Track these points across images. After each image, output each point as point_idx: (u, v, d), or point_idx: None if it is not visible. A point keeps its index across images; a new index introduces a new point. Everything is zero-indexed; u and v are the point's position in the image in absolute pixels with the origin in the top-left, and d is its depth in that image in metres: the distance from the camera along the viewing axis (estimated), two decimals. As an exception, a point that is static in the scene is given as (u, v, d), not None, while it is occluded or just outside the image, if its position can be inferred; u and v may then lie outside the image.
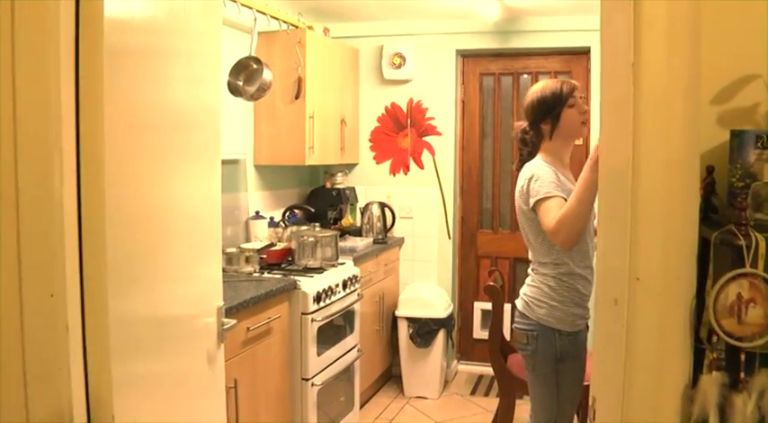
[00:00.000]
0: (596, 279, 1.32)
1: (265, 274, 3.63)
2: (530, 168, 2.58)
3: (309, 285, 3.52)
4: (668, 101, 1.18)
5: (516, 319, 2.70)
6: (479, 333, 5.28)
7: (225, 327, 2.10)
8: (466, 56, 5.19)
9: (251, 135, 4.45)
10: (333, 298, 3.71)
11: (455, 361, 5.33)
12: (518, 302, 2.72)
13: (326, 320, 3.62)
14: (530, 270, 2.73)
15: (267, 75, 3.81)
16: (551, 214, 2.39)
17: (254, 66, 3.86)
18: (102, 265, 1.44)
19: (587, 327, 2.68)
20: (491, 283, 3.65)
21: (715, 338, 1.28)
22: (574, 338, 2.57)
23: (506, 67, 5.14)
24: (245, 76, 3.88)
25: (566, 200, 2.41)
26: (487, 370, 4.92)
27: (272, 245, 3.84)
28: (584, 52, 4.86)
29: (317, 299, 3.53)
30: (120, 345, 1.54)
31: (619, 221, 1.24)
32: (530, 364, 2.63)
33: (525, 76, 5.14)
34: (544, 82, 2.71)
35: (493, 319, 3.69)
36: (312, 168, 5.19)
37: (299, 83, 4.29)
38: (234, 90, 3.83)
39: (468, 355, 5.39)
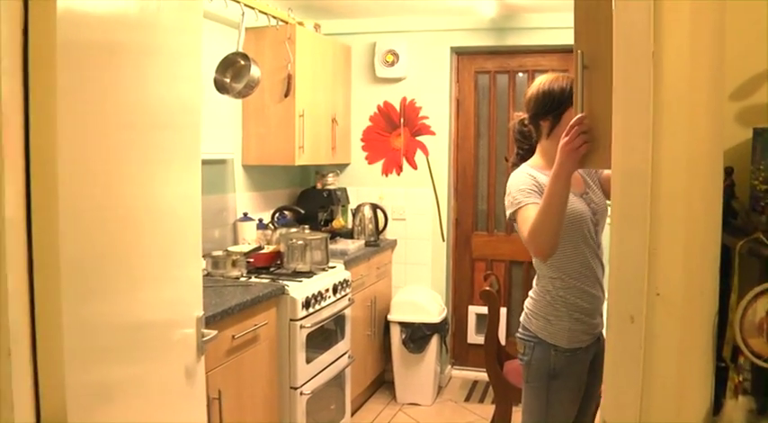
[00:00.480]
0: (609, 293, 1.19)
1: (253, 279, 3.49)
2: (511, 177, 2.40)
3: (298, 290, 3.39)
4: (692, 92, 1.05)
5: (519, 329, 2.58)
6: (474, 338, 5.16)
7: (205, 338, 1.96)
8: (461, 53, 5.06)
9: (239, 134, 4.31)
10: (323, 303, 3.57)
11: (449, 366, 5.20)
12: (522, 314, 2.60)
13: (316, 327, 3.48)
14: (534, 280, 2.58)
15: (255, 71, 3.67)
16: (525, 225, 2.23)
17: (242, 62, 3.72)
18: (55, 272, 1.30)
19: (599, 339, 2.49)
20: (487, 288, 3.53)
21: (741, 359, 1.15)
22: (572, 355, 2.41)
23: (502, 65, 5.02)
24: (232, 73, 3.74)
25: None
26: (482, 376, 4.81)
27: (259, 248, 3.70)
28: (583, 50, 4.72)
29: (306, 304, 3.39)
30: (80, 356, 1.41)
31: (635, 229, 1.11)
32: (524, 373, 2.52)
33: (522, 74, 5.02)
34: (552, 75, 2.44)
35: (489, 325, 3.57)
36: (302, 169, 5.05)
37: (289, 80, 4.16)
38: (221, 87, 3.70)
39: (462, 360, 5.26)
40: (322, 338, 3.65)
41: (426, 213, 5.03)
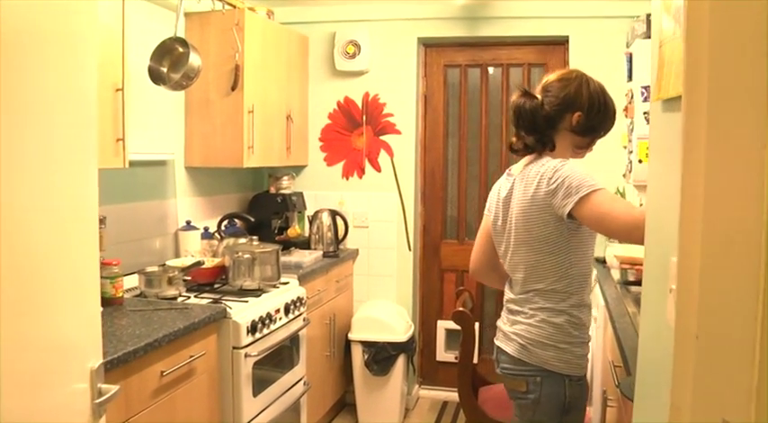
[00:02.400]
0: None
1: (192, 299, 3.02)
2: (558, 165, 2.06)
3: (243, 313, 2.92)
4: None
5: (506, 365, 2.22)
6: (444, 355, 4.75)
7: (100, 399, 1.48)
8: (429, 45, 4.63)
9: (181, 132, 3.82)
10: (272, 326, 3.11)
11: (416, 386, 4.77)
12: (505, 345, 2.24)
13: (265, 354, 3.02)
14: (515, 299, 2.24)
15: (195, 60, 3.21)
16: (622, 203, 1.99)
17: (180, 49, 3.25)
18: None
19: None
20: (460, 309, 3.09)
21: None
22: (582, 384, 2.16)
23: (474, 57, 4.60)
24: (169, 62, 3.27)
25: None
26: (453, 396, 4.41)
27: (198, 263, 3.22)
28: (562, 42, 4.37)
29: (253, 329, 2.92)
30: None
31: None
32: (526, 414, 2.15)
33: (495, 68, 4.60)
34: (602, 84, 2.23)
35: (462, 350, 3.13)
36: (254, 171, 4.59)
37: (237, 72, 3.69)
38: (156, 77, 3.22)
39: (431, 379, 4.84)
40: (272, 366, 3.19)
41: (391, 220, 4.60)
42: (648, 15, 3.68)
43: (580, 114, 2.13)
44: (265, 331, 3.03)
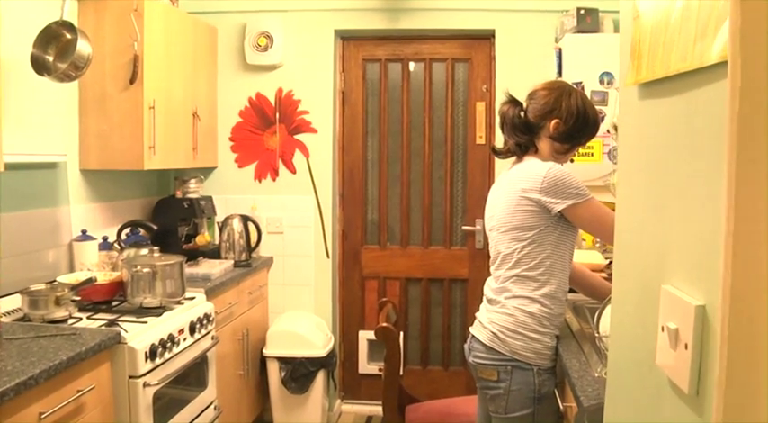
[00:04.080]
0: None
1: (84, 321, 2.66)
2: (552, 168, 2.19)
3: (140, 336, 2.57)
4: None
5: (478, 353, 2.29)
6: (366, 367, 4.48)
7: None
8: (346, 38, 4.35)
9: (74, 130, 3.42)
10: (175, 349, 2.76)
11: (339, 400, 4.49)
12: (479, 332, 2.31)
13: (167, 381, 2.67)
14: (493, 289, 2.32)
15: (84, 47, 2.84)
16: (604, 211, 2.17)
17: (68, 35, 2.88)
18: None
19: None
20: (384, 325, 2.82)
21: None
22: (552, 374, 2.25)
23: (395, 52, 4.34)
24: (55, 49, 2.89)
25: None
26: (377, 409, 4.15)
27: (89, 280, 2.84)
28: (488, 36, 4.17)
29: (152, 355, 2.57)
30: None
31: None
32: (500, 405, 2.23)
33: (417, 63, 4.36)
34: (585, 97, 2.39)
35: (387, 368, 2.87)
36: (160, 174, 4.21)
37: (136, 63, 3.32)
38: (40, 67, 2.84)
39: (353, 392, 4.56)
40: (176, 394, 2.85)
41: (307, 225, 4.30)
42: (579, 9, 3.52)
43: (558, 122, 2.27)
44: (167, 355, 2.69)
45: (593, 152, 3.36)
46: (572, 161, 2.48)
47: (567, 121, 2.27)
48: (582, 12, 3.50)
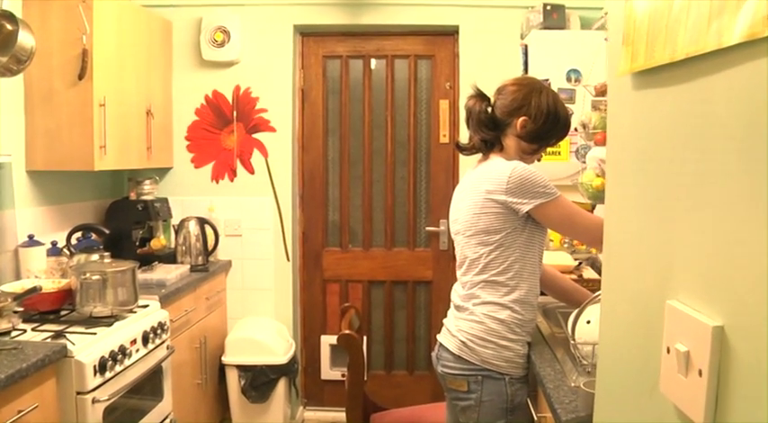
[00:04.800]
0: None
1: (28, 333, 2.49)
2: (517, 167, 2.10)
3: (89, 349, 2.41)
4: None
5: (447, 363, 2.19)
6: (329, 373, 4.36)
7: None
8: (306, 34, 4.22)
9: (20, 128, 3.23)
10: (127, 362, 2.60)
11: (301, 408, 4.36)
12: (447, 341, 2.22)
13: (118, 396, 2.51)
14: (461, 295, 2.23)
15: (26, 39, 2.69)
16: (574, 209, 2.10)
17: (9, 26, 2.71)
18: None
19: None
20: (347, 332, 2.70)
21: None
22: (525, 383, 2.17)
23: (356, 48, 4.23)
24: (-5, 42, 2.73)
25: None
26: (341, 416, 4.07)
27: (33, 290, 2.66)
28: (451, 32, 4.09)
29: (102, 368, 2.41)
30: None
31: None
32: (471, 417, 2.15)
33: (379, 60, 4.25)
34: (557, 96, 2.28)
35: (350, 376, 2.75)
36: (113, 175, 4.03)
37: (85, 57, 3.15)
38: (-21, 61, 2.67)
39: (316, 399, 4.43)
40: (130, 406, 2.69)
41: (267, 227, 4.17)
42: (545, 5, 3.44)
43: (525, 119, 2.17)
44: (118, 369, 2.53)
45: (561, 151, 3.29)
46: (539, 160, 2.36)
47: (536, 119, 2.18)
48: (548, 8, 3.43)
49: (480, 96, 2.26)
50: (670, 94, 0.89)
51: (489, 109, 2.23)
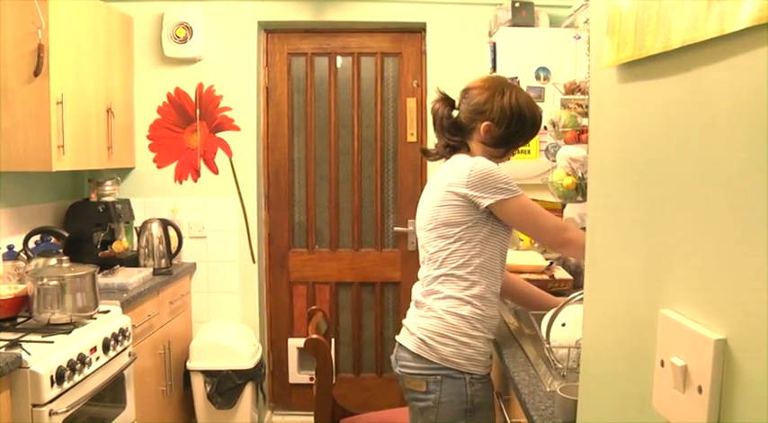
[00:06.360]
0: None
1: (-19, 341, 2.38)
2: (478, 162, 2.06)
3: (45, 359, 2.31)
4: None
5: (405, 363, 2.12)
6: (297, 377, 4.29)
7: None
8: (270, 30, 4.14)
9: (-28, 128, 3.11)
10: (86, 371, 2.50)
11: (269, 412, 4.28)
12: (406, 340, 2.14)
13: (77, 407, 2.41)
14: (421, 291, 2.16)
15: (-24, 37, 2.55)
16: (536, 208, 2.08)
17: (-43, 23, 2.58)
18: None
19: None
20: (314, 337, 2.63)
21: None
22: (487, 383, 2.10)
23: (321, 45, 4.15)
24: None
25: None
26: (309, 420, 3.94)
27: (-15, 297, 2.56)
28: (418, 30, 4.04)
29: (59, 379, 2.31)
30: None
31: None
32: (429, 419, 2.08)
33: (345, 57, 4.18)
34: (529, 94, 2.22)
35: (318, 381, 2.68)
36: (73, 175, 3.91)
37: (40, 52, 3.03)
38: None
39: (284, 403, 4.35)
40: (92, 413, 2.59)
41: (232, 229, 4.07)
42: (513, 2, 3.40)
43: (488, 124, 2.11)
44: (77, 378, 2.43)
45: (530, 149, 3.26)
46: (508, 159, 2.30)
47: (498, 123, 2.11)
48: (517, 5, 3.39)
49: (445, 100, 2.20)
50: (663, 87, 0.83)
51: (454, 113, 2.18)
